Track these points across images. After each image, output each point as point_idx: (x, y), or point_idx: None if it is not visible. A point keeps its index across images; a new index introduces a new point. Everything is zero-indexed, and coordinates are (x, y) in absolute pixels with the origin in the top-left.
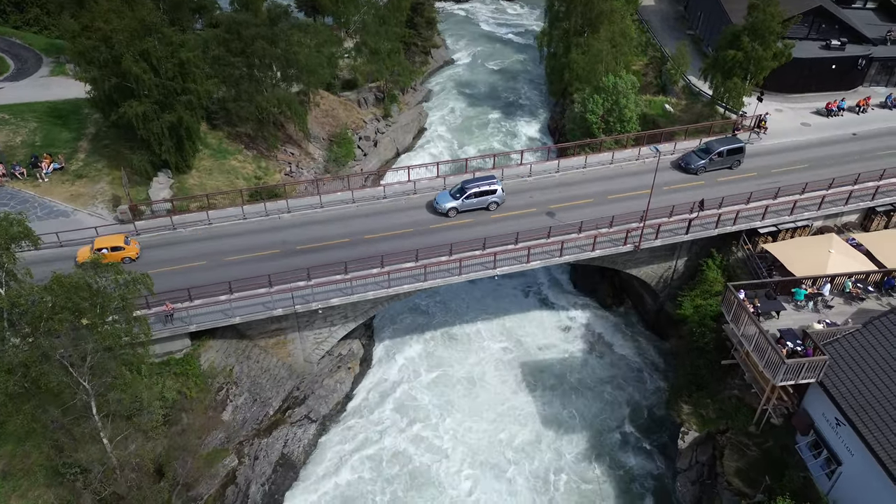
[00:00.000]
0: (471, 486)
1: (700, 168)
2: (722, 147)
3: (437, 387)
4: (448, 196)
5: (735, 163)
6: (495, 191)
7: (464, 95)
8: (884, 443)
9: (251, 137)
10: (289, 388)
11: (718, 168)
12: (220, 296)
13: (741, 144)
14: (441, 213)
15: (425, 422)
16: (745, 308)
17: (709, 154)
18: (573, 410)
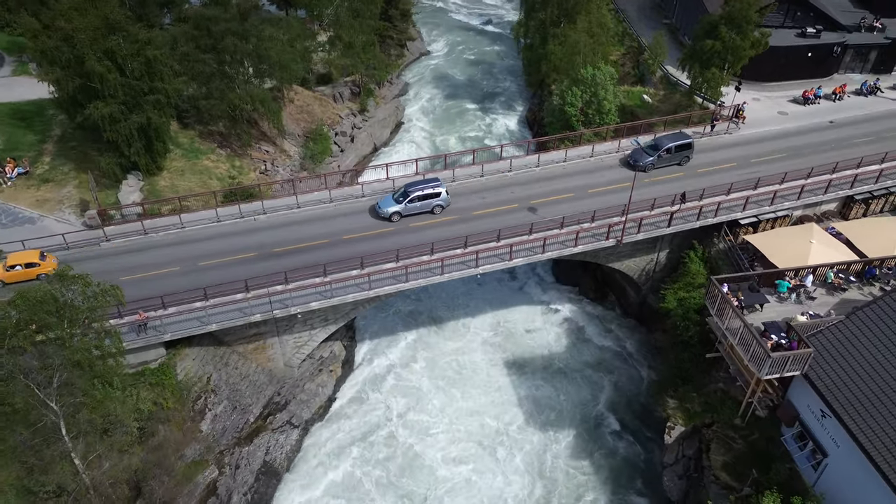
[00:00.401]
0: (456, 485)
1: (648, 165)
2: (670, 143)
3: (423, 383)
4: (391, 200)
5: (684, 159)
6: (439, 193)
7: (441, 88)
8: (870, 435)
9: (224, 136)
10: (269, 393)
11: (667, 165)
12: (196, 302)
13: (689, 140)
14: (384, 217)
15: (411, 420)
16: (729, 302)
17: (657, 151)
18: (556, 406)
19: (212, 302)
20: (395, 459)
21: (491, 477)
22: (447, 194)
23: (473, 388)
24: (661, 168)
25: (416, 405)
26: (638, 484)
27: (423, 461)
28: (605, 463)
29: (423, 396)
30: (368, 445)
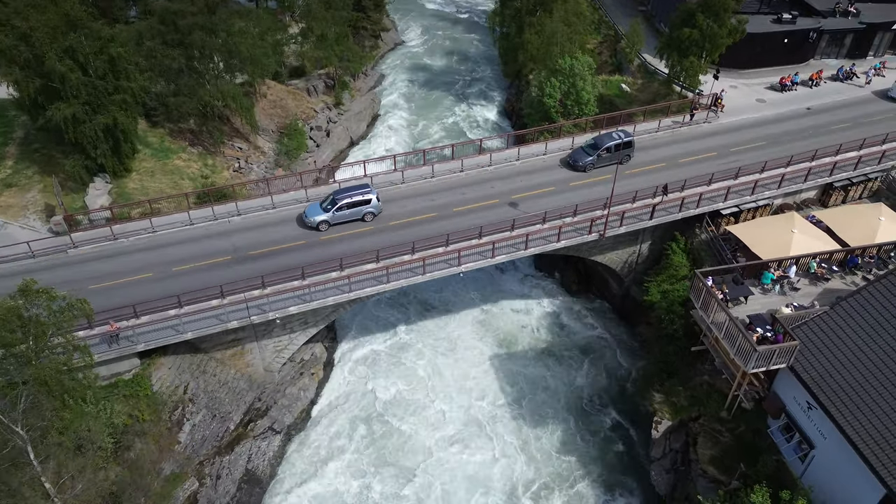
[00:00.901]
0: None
1: (588, 165)
2: (610, 142)
3: (404, 384)
4: (318, 208)
5: (625, 158)
6: (370, 200)
7: (417, 79)
8: (856, 426)
9: (195, 133)
10: (249, 400)
11: (607, 164)
12: (170, 310)
13: (630, 139)
14: (311, 227)
15: (395, 422)
16: (713, 295)
17: (597, 150)
18: (539, 402)
19: (186, 309)
20: (380, 461)
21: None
22: (378, 200)
23: (457, 386)
24: (586, 171)
25: (400, 406)
26: (625, 478)
27: (409, 463)
28: (591, 459)
29: (406, 397)
30: (353, 448)
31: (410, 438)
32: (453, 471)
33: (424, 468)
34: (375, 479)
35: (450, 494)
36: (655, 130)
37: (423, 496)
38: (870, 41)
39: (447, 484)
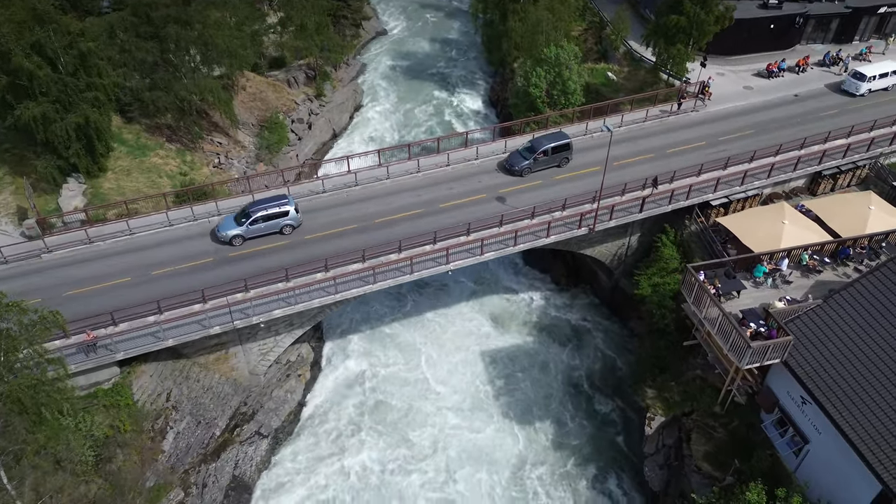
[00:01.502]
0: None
1: (525, 169)
2: (547, 145)
3: (392, 383)
4: (231, 222)
5: (563, 161)
6: (287, 212)
7: (400, 68)
8: (851, 421)
9: (172, 129)
10: (235, 404)
11: (545, 168)
12: (149, 317)
13: (567, 141)
14: (224, 242)
15: (384, 420)
16: (706, 290)
17: (533, 153)
18: (529, 397)
19: (167, 315)
20: (369, 461)
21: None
22: (297, 212)
23: (446, 383)
24: (542, 170)
25: (390, 404)
26: (618, 475)
27: (401, 462)
28: (582, 455)
29: (396, 395)
30: (343, 448)
31: (402, 437)
32: (444, 469)
33: (416, 468)
34: (367, 479)
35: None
36: (643, 120)
37: (416, 497)
38: (855, 26)
39: (438, 483)
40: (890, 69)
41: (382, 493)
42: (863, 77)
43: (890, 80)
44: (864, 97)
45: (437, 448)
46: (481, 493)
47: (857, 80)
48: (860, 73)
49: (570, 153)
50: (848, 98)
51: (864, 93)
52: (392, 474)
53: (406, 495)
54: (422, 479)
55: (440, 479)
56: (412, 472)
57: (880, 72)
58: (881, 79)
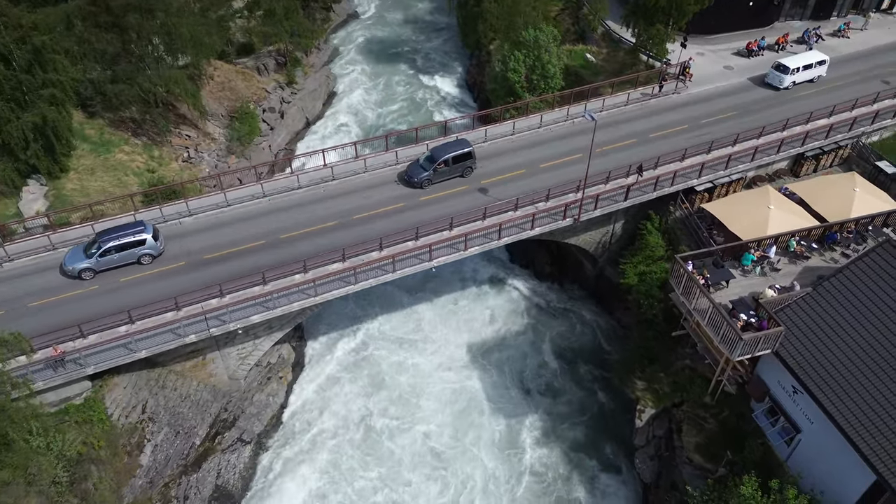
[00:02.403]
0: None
1: (425, 181)
2: (447, 154)
3: (378, 379)
4: (80, 254)
5: (466, 170)
6: (144, 241)
7: (373, 52)
8: (844, 411)
9: (138, 123)
10: (215, 411)
11: (447, 178)
12: (120, 327)
13: (469, 149)
14: (72, 276)
15: (370, 418)
16: (695, 281)
17: (433, 163)
18: (515, 390)
19: (139, 325)
20: (359, 459)
21: (458, 470)
22: (157, 240)
23: (429, 377)
24: (424, 188)
25: (375, 400)
26: (609, 467)
27: (389, 458)
28: (572, 449)
29: (381, 390)
30: (328, 450)
31: (387, 433)
32: (430, 470)
33: (406, 465)
34: (354, 478)
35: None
36: (624, 104)
37: (403, 497)
38: (833, 1)
39: (426, 478)
40: (814, 60)
41: (369, 494)
42: (786, 69)
43: (815, 71)
44: (789, 90)
45: (422, 449)
46: (472, 497)
47: (780, 72)
48: (783, 65)
49: (473, 162)
50: (771, 92)
51: (787, 86)
52: (376, 477)
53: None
54: (408, 481)
55: (424, 482)
56: (394, 475)
57: (804, 63)
58: (805, 71)
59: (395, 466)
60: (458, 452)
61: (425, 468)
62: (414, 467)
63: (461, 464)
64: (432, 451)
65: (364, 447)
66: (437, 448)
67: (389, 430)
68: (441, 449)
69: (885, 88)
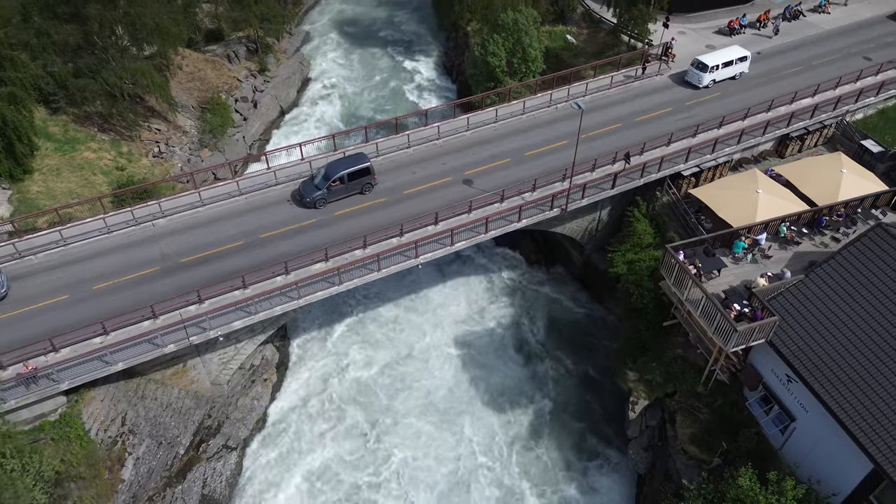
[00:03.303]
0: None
1: (319, 200)
2: (342, 171)
3: (366, 373)
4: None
5: (366, 186)
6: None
7: (346, 35)
8: (840, 400)
9: (104, 117)
10: (198, 418)
11: (344, 196)
12: (94, 339)
13: (367, 164)
14: None
15: (358, 415)
16: (687, 271)
17: (328, 181)
18: (505, 382)
19: (114, 336)
20: (348, 459)
21: (450, 463)
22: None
23: (417, 375)
24: (318, 207)
25: (363, 397)
26: (602, 459)
27: (378, 455)
28: (564, 441)
29: (369, 387)
30: (317, 449)
31: (376, 431)
32: (421, 466)
33: (397, 459)
34: (343, 478)
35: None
36: (608, 87)
37: (396, 489)
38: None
39: (406, 479)
40: (735, 56)
41: (356, 493)
42: (705, 67)
43: (736, 67)
44: (709, 89)
45: (404, 446)
46: (459, 483)
47: (699, 70)
48: (702, 62)
49: (372, 178)
50: (690, 91)
51: (707, 84)
52: (364, 476)
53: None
54: (392, 481)
55: (408, 477)
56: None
57: (724, 60)
58: (725, 68)
59: (388, 468)
60: (448, 449)
61: (414, 470)
62: (404, 468)
63: (452, 463)
64: (422, 452)
65: (354, 446)
66: (427, 447)
67: (378, 432)
68: (429, 449)
69: (868, 65)
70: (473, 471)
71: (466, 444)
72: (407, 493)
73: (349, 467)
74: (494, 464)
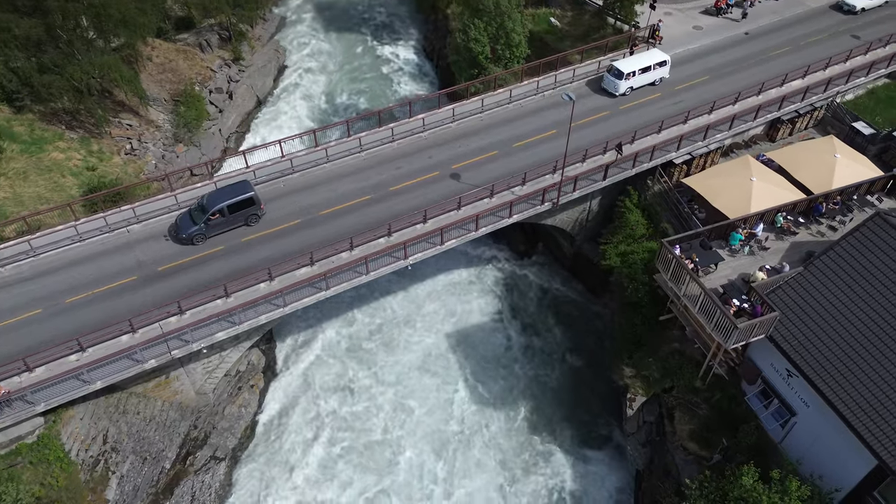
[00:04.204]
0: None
1: (197, 236)
2: (221, 203)
3: (355, 373)
4: None
5: (252, 218)
6: None
7: (322, 19)
8: (843, 395)
9: (72, 114)
10: (184, 430)
11: (225, 231)
12: (70, 356)
13: (250, 194)
14: None
15: (349, 417)
16: (685, 267)
17: (204, 214)
18: (499, 378)
19: (91, 352)
20: (343, 462)
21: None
22: None
23: (409, 368)
24: (196, 244)
25: (356, 397)
26: (599, 454)
27: (374, 460)
28: (560, 437)
29: (362, 386)
30: (309, 454)
31: (372, 432)
32: (414, 468)
33: (392, 462)
34: (339, 483)
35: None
36: (596, 73)
37: (395, 490)
38: None
39: (404, 483)
40: (653, 61)
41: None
42: (620, 74)
43: (655, 73)
44: (626, 96)
45: (399, 443)
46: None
47: (614, 77)
48: (617, 69)
49: (257, 209)
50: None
51: (624, 92)
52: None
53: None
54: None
55: (406, 480)
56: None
57: (641, 66)
58: (643, 73)
59: (385, 473)
60: (434, 449)
61: (417, 476)
62: (407, 472)
63: (448, 465)
64: (419, 453)
65: (346, 450)
66: (424, 450)
67: (370, 433)
68: (428, 453)
69: (857, 43)
70: (466, 468)
71: (453, 439)
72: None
73: (342, 471)
74: (488, 462)
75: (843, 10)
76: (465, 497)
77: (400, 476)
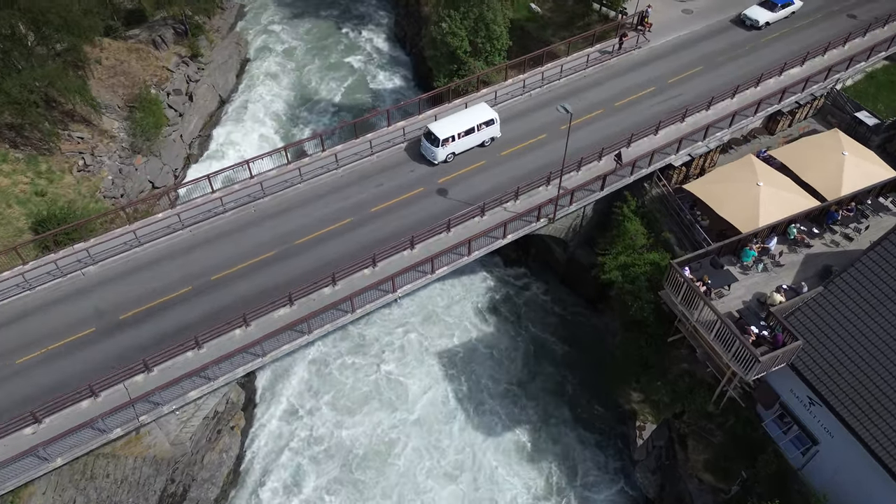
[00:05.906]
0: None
1: None
2: None
3: (341, 407)
4: None
5: None
6: None
7: (284, 5)
8: (872, 428)
9: (17, 129)
10: (160, 486)
11: None
12: (25, 429)
13: None
14: None
15: (342, 442)
16: (698, 292)
17: None
18: (495, 404)
19: (48, 423)
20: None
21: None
22: None
23: (398, 402)
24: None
25: (340, 425)
26: (607, 483)
27: (370, 478)
28: (566, 466)
29: (342, 423)
30: (295, 493)
31: (364, 457)
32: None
33: (384, 491)
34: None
35: None
36: (584, 66)
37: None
38: None
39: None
40: (476, 122)
41: None
42: (436, 140)
43: (483, 134)
44: (447, 163)
45: (396, 477)
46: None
47: (431, 144)
48: (433, 134)
49: None
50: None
51: (446, 159)
52: None
53: None
54: None
55: None
56: None
57: (463, 128)
58: (466, 136)
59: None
60: (432, 476)
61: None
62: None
63: (445, 491)
64: (415, 485)
65: (335, 479)
66: (425, 483)
67: (360, 460)
68: (426, 480)
69: (855, 24)
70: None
71: (453, 470)
72: None
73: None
74: (490, 489)
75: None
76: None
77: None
